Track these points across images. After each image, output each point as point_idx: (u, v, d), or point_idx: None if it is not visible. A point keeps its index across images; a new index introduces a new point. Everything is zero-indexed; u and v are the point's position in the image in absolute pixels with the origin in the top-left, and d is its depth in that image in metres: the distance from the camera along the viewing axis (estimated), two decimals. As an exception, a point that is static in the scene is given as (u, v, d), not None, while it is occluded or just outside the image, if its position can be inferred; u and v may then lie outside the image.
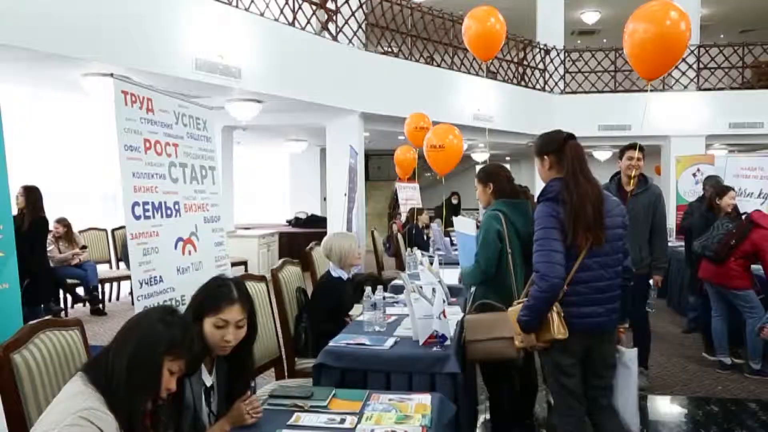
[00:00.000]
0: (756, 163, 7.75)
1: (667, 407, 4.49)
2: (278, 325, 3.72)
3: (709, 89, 12.38)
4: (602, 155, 14.31)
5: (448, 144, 6.22)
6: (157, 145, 3.14)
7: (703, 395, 4.59)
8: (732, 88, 12.42)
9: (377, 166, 17.57)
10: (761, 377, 4.90)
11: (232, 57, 6.65)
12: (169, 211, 3.20)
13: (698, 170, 9.33)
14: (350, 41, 8.74)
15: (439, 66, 10.37)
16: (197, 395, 2.15)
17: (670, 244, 8.25)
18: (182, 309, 2.21)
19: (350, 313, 3.92)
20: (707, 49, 12.45)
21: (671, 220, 10.44)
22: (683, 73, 12.20)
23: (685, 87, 12.23)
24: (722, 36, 14.93)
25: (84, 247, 7.62)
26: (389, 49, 9.87)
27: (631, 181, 4.58)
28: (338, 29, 8.59)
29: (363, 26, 9.09)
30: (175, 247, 3.24)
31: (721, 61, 12.39)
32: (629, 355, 2.83)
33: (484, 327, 3.08)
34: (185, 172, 3.44)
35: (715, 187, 5.75)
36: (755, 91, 12.27)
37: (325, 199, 11.46)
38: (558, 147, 2.66)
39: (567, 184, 2.57)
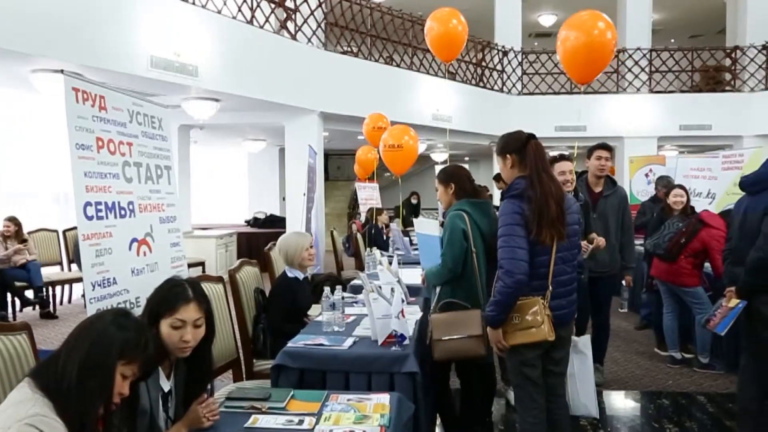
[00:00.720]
0: (704, 164, 8.01)
1: (620, 402, 4.59)
2: (236, 326, 3.68)
3: (661, 92, 12.74)
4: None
5: (404, 144, 6.25)
6: (110, 143, 3.07)
7: (654, 389, 4.71)
8: (682, 91, 12.80)
9: (337, 165, 17.53)
10: (709, 371, 5.06)
11: (188, 55, 6.54)
12: (123, 212, 3.13)
13: (651, 171, 9.58)
14: (309, 40, 8.71)
15: (398, 66, 10.41)
16: (154, 401, 2.10)
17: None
18: (137, 311, 2.17)
19: (309, 313, 3.91)
20: (659, 53, 12.80)
21: (625, 220, 10.71)
22: (636, 76, 12.51)
23: (638, 90, 12.55)
24: (673, 41, 15.39)
25: (24, 241, 7.30)
26: (348, 49, 9.85)
27: (600, 181, 4.64)
28: (297, 28, 8.54)
29: (322, 26, 9.06)
30: (130, 248, 3.17)
31: (672, 65, 12.76)
32: (583, 341, 2.97)
33: (451, 326, 3.12)
34: (140, 171, 3.37)
35: (667, 187, 5.93)
36: (704, 95, 12.68)
37: (284, 198, 11.37)
38: (520, 146, 2.74)
39: (532, 182, 2.64)
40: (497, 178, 8.00)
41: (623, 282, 4.94)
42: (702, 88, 12.98)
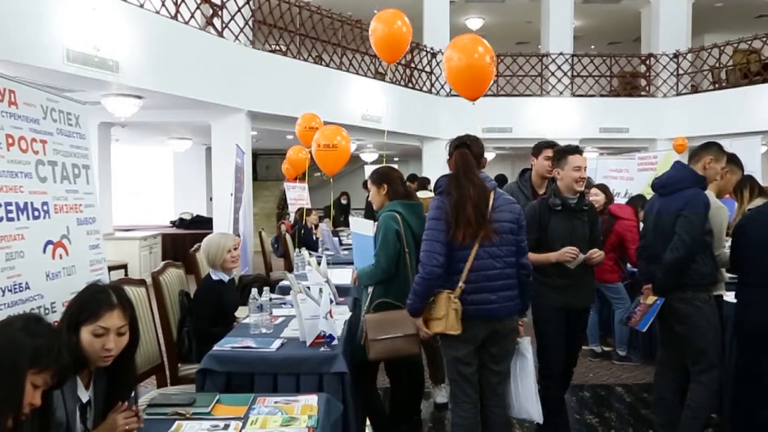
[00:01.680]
0: (622, 165, 8.38)
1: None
2: (160, 330, 3.57)
3: (582, 96, 13.23)
4: (487, 156, 14.89)
5: (337, 144, 6.23)
6: (21, 141, 2.91)
7: (577, 383, 4.85)
8: (602, 96, 13.34)
9: (266, 165, 17.29)
10: (627, 363, 5.29)
11: (108, 49, 6.29)
12: (36, 213, 2.97)
13: (572, 171, 9.90)
14: (237, 38, 8.55)
15: (327, 66, 10.37)
16: (71, 412, 2.00)
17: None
18: (53, 317, 2.06)
19: (236, 315, 3.84)
20: (580, 58, 13.29)
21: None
22: (559, 80, 12.95)
23: (561, 93, 12.99)
24: (593, 47, 16.01)
25: None
26: (277, 48, 9.73)
27: (545, 182, 4.22)
28: (224, 25, 8.37)
29: (250, 23, 8.91)
30: (44, 250, 3.02)
31: (593, 70, 13.28)
32: (524, 343, 3.00)
33: (385, 325, 3.15)
34: (55, 170, 3.21)
35: (587, 187, 6.15)
36: (622, 99, 13.26)
37: (211, 199, 11.13)
38: (450, 153, 2.96)
39: (451, 182, 2.85)
40: (411, 178, 8.09)
41: None
42: (620, 93, 13.57)
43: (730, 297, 3.51)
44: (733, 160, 3.76)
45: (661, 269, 3.27)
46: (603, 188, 5.59)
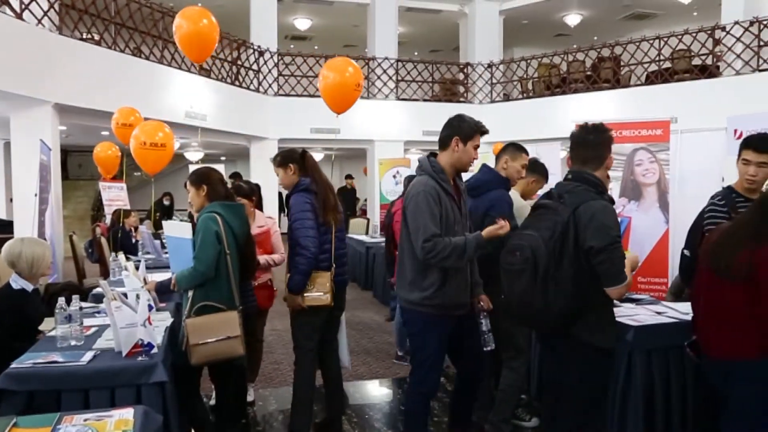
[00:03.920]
0: (443, 167, 8.83)
1: (375, 390, 4.86)
2: (-56, 349, 3.13)
3: (407, 99, 13.79)
4: (316, 156, 15.02)
5: (159, 142, 5.90)
6: None
7: (403, 375, 5.03)
8: (425, 100, 14.02)
9: (78, 163, 15.97)
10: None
11: None
12: None
13: (398, 172, 10.32)
14: (40, 22, 7.74)
15: (147, 59, 9.78)
16: None
17: (375, 240, 9.01)
18: None
19: (41, 328, 3.48)
20: (404, 63, 13.84)
21: (376, 218, 11.39)
22: (384, 84, 13.38)
23: (387, 96, 13.43)
24: (416, 53, 16.76)
25: None
26: (89, 36, 8.98)
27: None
28: (23, 6, 7.52)
29: (56, 6, 8.11)
30: None
31: (416, 75, 13.90)
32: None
33: (208, 329, 3.09)
34: None
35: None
36: (443, 104, 14.01)
37: (11, 200, 10.01)
38: (299, 158, 3.61)
39: (314, 180, 3.53)
40: (234, 176, 7.98)
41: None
42: (441, 98, 14.34)
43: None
44: (538, 170, 4.08)
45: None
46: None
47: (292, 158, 3.65)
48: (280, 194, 15.15)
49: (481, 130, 3.10)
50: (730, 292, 2.53)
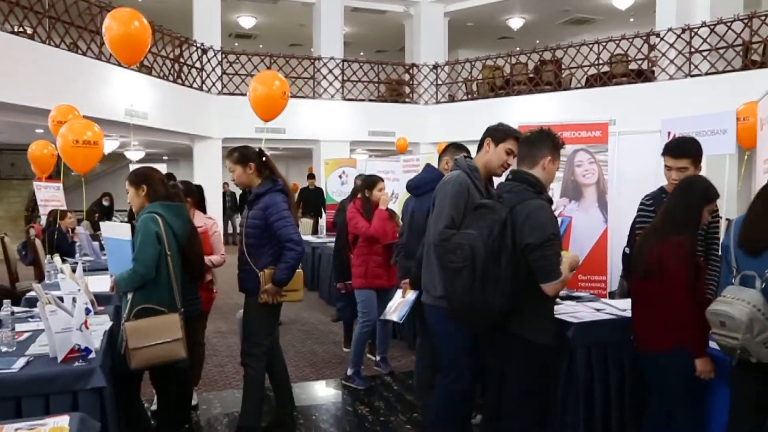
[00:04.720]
0: (389, 167, 8.87)
1: (321, 390, 4.83)
2: None
3: (353, 100, 13.78)
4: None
5: (88, 140, 5.70)
6: None
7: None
8: (371, 100, 14.04)
9: (10, 162, 15.35)
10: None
11: None
12: None
13: (344, 172, 10.28)
14: (-32, 14, 7.41)
15: (85, 54, 9.46)
16: None
17: (320, 240, 8.97)
18: None
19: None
20: (350, 63, 13.83)
21: (322, 218, 11.34)
22: (330, 83, 13.34)
23: (332, 96, 13.39)
24: (362, 54, 16.77)
25: None
26: (21, 29, 8.62)
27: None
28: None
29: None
30: None
31: (362, 76, 13.91)
32: None
33: (148, 332, 3.02)
34: None
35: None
36: (389, 104, 14.10)
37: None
38: (258, 157, 3.58)
39: (282, 180, 3.63)
40: (169, 177, 7.78)
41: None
42: (387, 99, 14.40)
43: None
44: None
45: (416, 264, 3.51)
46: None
47: (251, 157, 3.60)
48: (233, 194, 14.91)
49: (515, 135, 3.04)
50: (651, 289, 2.76)
